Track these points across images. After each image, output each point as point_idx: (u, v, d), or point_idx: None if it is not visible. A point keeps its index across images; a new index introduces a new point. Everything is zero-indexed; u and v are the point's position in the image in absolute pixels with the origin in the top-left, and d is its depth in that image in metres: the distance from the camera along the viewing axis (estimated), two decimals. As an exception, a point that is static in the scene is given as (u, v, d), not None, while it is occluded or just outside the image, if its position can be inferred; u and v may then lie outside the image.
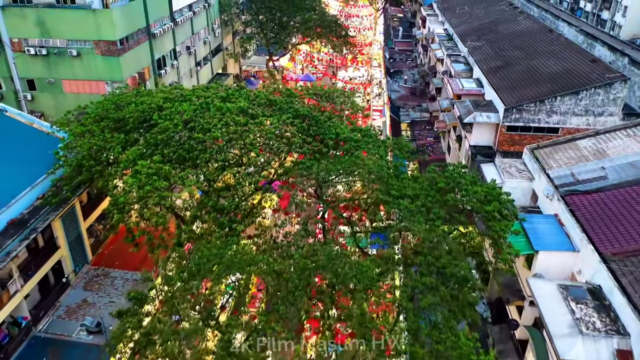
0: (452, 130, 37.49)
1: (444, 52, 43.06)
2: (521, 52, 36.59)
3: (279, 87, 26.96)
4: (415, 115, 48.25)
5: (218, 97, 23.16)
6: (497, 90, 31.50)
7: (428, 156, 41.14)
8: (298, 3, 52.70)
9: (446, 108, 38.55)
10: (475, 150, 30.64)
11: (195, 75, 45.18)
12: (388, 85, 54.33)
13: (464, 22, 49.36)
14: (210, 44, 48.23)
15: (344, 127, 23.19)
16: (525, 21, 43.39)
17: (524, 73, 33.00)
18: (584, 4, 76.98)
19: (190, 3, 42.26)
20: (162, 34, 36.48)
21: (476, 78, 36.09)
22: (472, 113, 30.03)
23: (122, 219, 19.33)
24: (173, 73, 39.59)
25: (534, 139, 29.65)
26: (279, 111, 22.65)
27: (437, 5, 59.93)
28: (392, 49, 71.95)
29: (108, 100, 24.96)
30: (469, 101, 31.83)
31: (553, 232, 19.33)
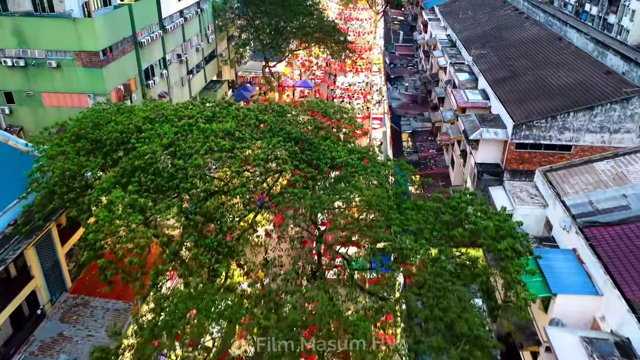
0: (456, 144, 35.60)
1: (447, 60, 41.14)
2: (529, 62, 34.67)
3: (271, 104, 24.95)
4: (417, 125, 46.33)
5: (203, 116, 21.22)
6: (504, 104, 29.58)
7: (430, 169, 39.24)
8: (295, 8, 50.78)
9: (450, 120, 36.62)
10: (481, 168, 28.70)
11: (187, 84, 43.26)
12: (388, 92, 52.42)
13: (468, 27, 47.46)
14: (203, 50, 46.32)
15: (341, 149, 21.24)
16: (532, 27, 41.48)
17: (533, 85, 31.08)
18: (589, 7, 75.06)
19: (182, 9, 40.33)
20: (150, 42, 34.56)
21: (481, 89, 34.16)
22: (479, 129, 28.10)
23: (94, 256, 17.42)
24: (162, 83, 37.67)
25: (544, 156, 27.76)
26: (270, 132, 20.71)
27: (439, 9, 58.02)
28: (393, 54, 70.04)
29: (86, 118, 23.05)
30: (474, 115, 29.90)
31: (572, 270, 17.40)
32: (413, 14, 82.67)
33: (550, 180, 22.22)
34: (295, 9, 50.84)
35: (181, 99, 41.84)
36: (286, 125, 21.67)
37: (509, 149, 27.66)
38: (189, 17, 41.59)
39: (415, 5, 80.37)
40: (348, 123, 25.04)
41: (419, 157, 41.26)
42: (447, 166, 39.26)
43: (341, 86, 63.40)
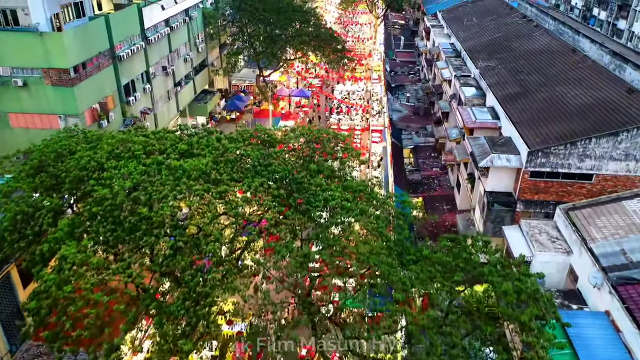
0: (462, 165, 32.85)
1: (451, 72, 38.38)
2: (541, 77, 31.92)
3: (258, 130, 22.18)
4: (419, 140, 43.58)
5: (177, 150, 18.49)
6: (516, 125, 26.84)
7: (434, 191, 36.49)
8: (290, 14, 48.08)
9: (455, 139, 33.87)
10: (492, 197, 25.95)
11: (174, 97, 40.56)
12: (389, 103, 49.69)
13: (473, 36, 44.70)
14: (192, 60, 43.61)
15: (334, 187, 18.48)
16: (543, 37, 38.70)
17: (547, 103, 28.33)
18: (597, 11, 72.30)
19: (167, 18, 37.61)
20: (130, 55, 31.85)
21: (490, 107, 31.41)
22: (489, 155, 25.36)
23: (40, 323, 14.74)
24: (145, 98, 34.95)
25: (562, 186, 25.01)
26: (253, 170, 17.98)
27: (442, 15, 55.24)
28: (393, 60, 67.24)
29: (48, 147, 20.41)
30: (484, 138, 27.15)
31: (607, 342, 14.69)
32: (414, 18, 79.89)
33: (574, 221, 19.49)
34: (290, 15, 48.16)
35: (167, 113, 39.17)
36: (272, 160, 18.94)
37: (523, 178, 24.92)
38: (175, 26, 38.88)
39: (416, 9, 77.62)
40: (344, 151, 22.28)
41: (421, 176, 38.51)
42: (453, 187, 36.51)
43: (339, 96, 60.69)
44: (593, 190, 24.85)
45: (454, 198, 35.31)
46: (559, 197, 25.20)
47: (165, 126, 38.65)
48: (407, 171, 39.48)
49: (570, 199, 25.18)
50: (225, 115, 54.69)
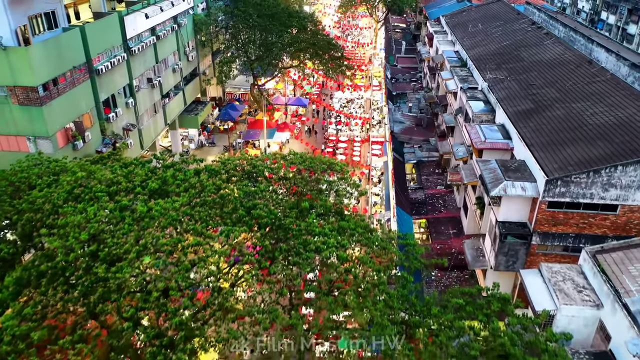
0: (469, 186, 30.37)
1: (457, 83, 35.89)
2: (556, 91, 29.42)
3: (244, 159, 19.67)
4: (422, 154, 41.10)
5: (148, 189, 16.00)
6: (531, 147, 24.35)
7: (439, 212, 34.00)
8: (286, 21, 45.59)
9: (462, 158, 31.41)
10: (504, 228, 23.46)
11: (162, 110, 38.06)
12: (390, 113, 47.19)
13: (479, 43, 42.21)
14: (181, 70, 41.12)
15: (329, 229, 15.95)
16: (555, 46, 36.18)
17: (564, 122, 25.84)
18: (606, 15, 69.79)
19: (153, 26, 35.12)
20: (111, 68, 29.38)
21: (500, 124, 28.93)
22: (501, 182, 22.87)
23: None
24: (128, 113, 32.47)
25: (583, 217, 22.52)
26: (234, 213, 15.48)
27: (445, 20, 52.75)
28: (394, 66, 64.75)
29: (6, 180, 18.00)
30: (495, 162, 24.65)
31: None
32: (416, 21, 77.41)
33: (603, 267, 17.00)
34: (286, 21, 45.68)
35: (154, 128, 36.70)
36: (257, 199, 16.44)
37: (540, 208, 22.43)
38: (163, 35, 36.38)
39: (418, 13, 75.13)
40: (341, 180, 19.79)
41: (425, 195, 36.03)
42: (459, 208, 34.02)
43: (338, 105, 58.19)
44: (618, 222, 22.40)
45: (461, 221, 32.83)
46: (580, 230, 22.76)
47: (148, 146, 36.25)
48: (410, 189, 36.99)
49: (592, 231, 22.75)
50: (218, 126, 52.26)
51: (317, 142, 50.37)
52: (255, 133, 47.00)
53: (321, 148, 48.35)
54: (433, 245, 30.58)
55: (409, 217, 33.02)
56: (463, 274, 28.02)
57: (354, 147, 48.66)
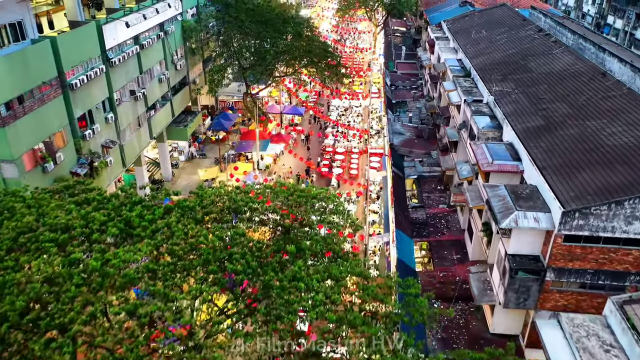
0: (475, 210, 28.15)
1: (460, 96, 33.67)
2: (568, 107, 27.21)
3: (224, 194, 17.45)
4: (423, 169, 38.88)
5: (108, 234, 13.75)
6: (543, 171, 22.14)
7: (442, 234, 31.76)
8: (279, 27, 43.33)
9: (467, 178, 29.20)
10: (515, 263, 21.22)
11: (147, 123, 35.81)
12: (389, 124, 44.97)
13: (483, 51, 40.00)
14: (169, 80, 38.89)
15: (317, 282, 13.70)
16: (564, 56, 33.95)
17: (579, 143, 23.62)
18: (612, 19, 67.61)
19: (136, 35, 32.89)
20: (87, 82, 27.15)
21: (508, 143, 26.71)
22: (512, 212, 20.64)
23: None
24: (108, 129, 30.23)
25: (603, 252, 20.30)
26: (205, 266, 13.24)
27: (447, 25, 50.54)
28: (394, 73, 62.62)
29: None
30: (504, 188, 22.41)
31: None
32: (416, 26, 75.20)
33: (632, 321, 14.77)
34: (280, 28, 43.42)
35: (138, 143, 34.46)
36: (235, 245, 14.19)
37: (555, 242, 20.21)
38: (147, 44, 34.15)
39: (418, 17, 72.93)
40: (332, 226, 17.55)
41: (426, 215, 33.80)
42: (463, 230, 31.78)
43: (335, 114, 55.96)
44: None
45: (465, 244, 30.61)
46: (599, 265, 20.54)
47: (132, 162, 34.03)
48: (410, 208, 34.76)
49: (613, 267, 20.53)
50: (210, 136, 50.03)
51: (312, 153, 48.13)
52: (248, 145, 44.78)
53: (317, 161, 46.11)
54: (435, 273, 28.36)
55: (410, 240, 30.80)
56: (468, 307, 25.79)
57: (352, 159, 46.42)
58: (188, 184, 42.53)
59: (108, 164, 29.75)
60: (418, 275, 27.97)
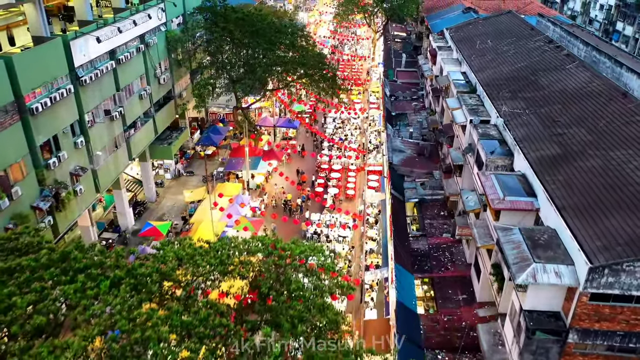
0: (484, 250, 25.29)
1: (466, 115, 30.84)
2: (587, 132, 24.37)
3: (184, 254, 14.67)
4: (425, 192, 36.05)
5: (32, 326, 10.92)
6: (563, 212, 19.34)
7: (445, 270, 28.92)
8: (272, 37, 40.51)
9: (474, 210, 26.39)
10: (532, 321, 18.41)
11: (125, 144, 33.02)
12: (388, 139, 42.13)
13: (489, 64, 37.20)
14: (151, 96, 36.12)
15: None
16: (579, 72, 31.12)
17: (603, 177, 20.78)
18: (622, 26, 64.78)
19: (112, 49, 30.12)
20: (51, 105, 24.36)
21: (521, 174, 23.88)
22: (530, 265, 17.83)
23: None
24: (78, 155, 27.45)
25: (636, 312, 17.49)
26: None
27: (449, 34, 47.74)
28: (394, 82, 59.73)
29: None
30: (519, 232, 19.60)
31: None
32: (417, 31, 72.36)
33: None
34: (272, 38, 40.58)
35: (114, 166, 31.67)
36: (194, 330, 11.37)
37: (580, 300, 17.40)
38: (125, 58, 31.38)
39: (419, 23, 70.12)
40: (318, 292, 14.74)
41: (428, 245, 30.98)
42: (469, 264, 28.94)
43: (331, 127, 53.18)
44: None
45: (471, 282, 27.78)
46: (631, 327, 17.72)
47: (107, 188, 31.24)
48: (411, 237, 31.93)
49: (646, 329, 17.72)
50: (199, 151, 47.26)
51: (307, 168, 45.30)
52: (238, 162, 41.98)
53: (311, 179, 43.28)
54: (439, 317, 25.53)
55: (410, 276, 27.98)
56: (477, 359, 22.97)
57: (349, 178, 43.59)
58: (173, 205, 39.80)
59: (78, 193, 26.97)
60: (420, 320, 25.17)
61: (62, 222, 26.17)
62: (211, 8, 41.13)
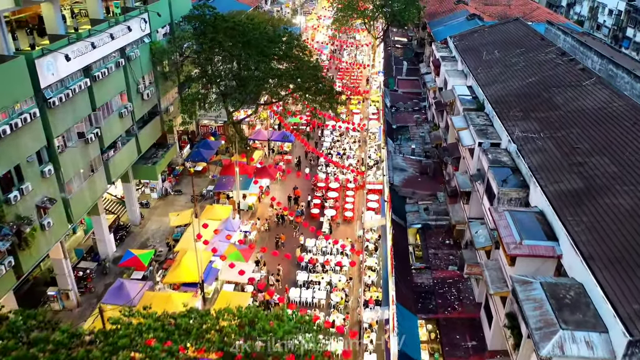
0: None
1: (474, 137, 28.20)
2: (611, 162, 21.69)
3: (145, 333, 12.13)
4: (429, 217, 33.39)
5: None
6: (590, 263, 16.72)
7: (451, 310, 26.25)
8: (264, 48, 37.88)
9: (484, 247, 23.77)
10: (557, 394, 15.77)
11: (104, 166, 30.39)
12: (389, 157, 39.48)
13: (497, 78, 34.57)
14: (133, 113, 33.50)
15: None
16: (597, 90, 28.44)
17: (636, 220, 18.15)
18: (632, 32, 62.11)
19: (87, 65, 27.51)
20: (11, 132, 21.75)
21: (538, 210, 21.24)
22: (556, 333, 15.18)
23: None
24: (46, 185, 24.80)
25: (682, 390, 14.86)
26: None
27: (453, 43, 45.12)
28: (394, 92, 57.10)
29: None
30: (541, 288, 16.96)
31: None
32: (418, 37, 69.73)
33: None
34: (265, 49, 37.94)
35: (90, 192, 29.04)
36: None
37: (615, 374, 14.79)
38: (102, 74, 28.75)
39: (421, 28, 67.51)
40: None
41: (433, 280, 28.33)
42: (478, 304, 26.29)
43: (329, 140, 50.54)
44: None
45: (481, 324, 25.13)
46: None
47: (81, 217, 28.64)
48: (413, 269, 29.28)
49: (693, 408, 15.04)
50: (188, 167, 44.62)
51: (302, 186, 42.64)
52: (229, 182, 39.35)
53: (307, 198, 40.62)
54: (446, 368, 22.91)
55: (414, 318, 25.33)
56: (489, 421, 20.35)
57: (347, 198, 40.93)
58: (159, 228, 37.18)
59: (45, 227, 24.35)
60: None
61: (27, 261, 23.56)
62: (200, 17, 38.52)
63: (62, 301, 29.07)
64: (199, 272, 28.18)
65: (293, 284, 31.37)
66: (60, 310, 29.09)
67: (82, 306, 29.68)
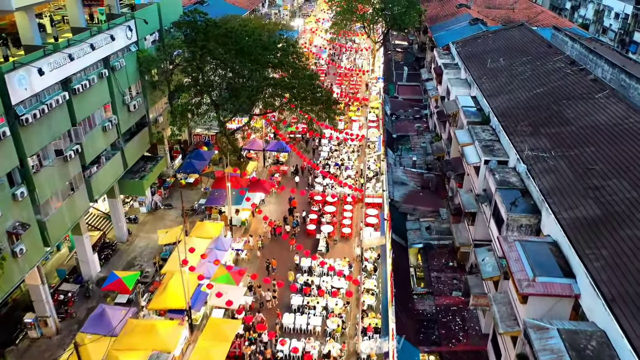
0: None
1: (480, 154, 26.39)
2: (630, 186, 19.81)
3: None
4: (431, 237, 31.57)
5: None
6: (612, 305, 14.92)
7: (456, 342, 24.40)
8: (258, 56, 36.05)
9: (492, 278, 21.94)
10: None
11: (85, 184, 28.58)
12: (389, 170, 37.68)
13: (503, 88, 32.76)
14: (118, 126, 31.70)
15: None
16: (612, 103, 26.56)
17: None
18: (640, 36, 60.27)
19: (65, 78, 25.71)
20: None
21: (552, 241, 19.41)
22: (577, 392, 13.37)
23: None
24: (18, 208, 22.99)
25: None
26: None
27: (456, 49, 43.33)
28: (395, 98, 55.34)
29: None
30: (559, 337, 15.12)
31: None
32: (419, 42, 67.92)
33: None
34: (258, 57, 36.11)
35: (70, 213, 27.23)
36: None
37: None
38: (82, 87, 26.94)
39: (422, 32, 65.70)
40: None
41: (435, 307, 26.50)
42: (485, 335, 24.45)
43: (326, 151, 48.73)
44: None
45: (487, 357, 23.30)
46: None
47: (60, 239, 26.81)
48: (415, 294, 27.47)
49: None
50: (180, 179, 42.81)
51: (299, 200, 40.79)
52: (221, 196, 37.50)
53: (302, 214, 38.77)
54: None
55: (416, 351, 23.49)
56: None
57: (344, 212, 39.09)
58: (147, 245, 35.36)
59: (17, 255, 22.55)
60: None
61: (-4, 291, 21.75)
62: (190, 23, 36.72)
63: (39, 329, 27.21)
64: (186, 298, 26.35)
65: (287, 309, 29.52)
66: (38, 339, 27.25)
67: (62, 333, 27.84)
